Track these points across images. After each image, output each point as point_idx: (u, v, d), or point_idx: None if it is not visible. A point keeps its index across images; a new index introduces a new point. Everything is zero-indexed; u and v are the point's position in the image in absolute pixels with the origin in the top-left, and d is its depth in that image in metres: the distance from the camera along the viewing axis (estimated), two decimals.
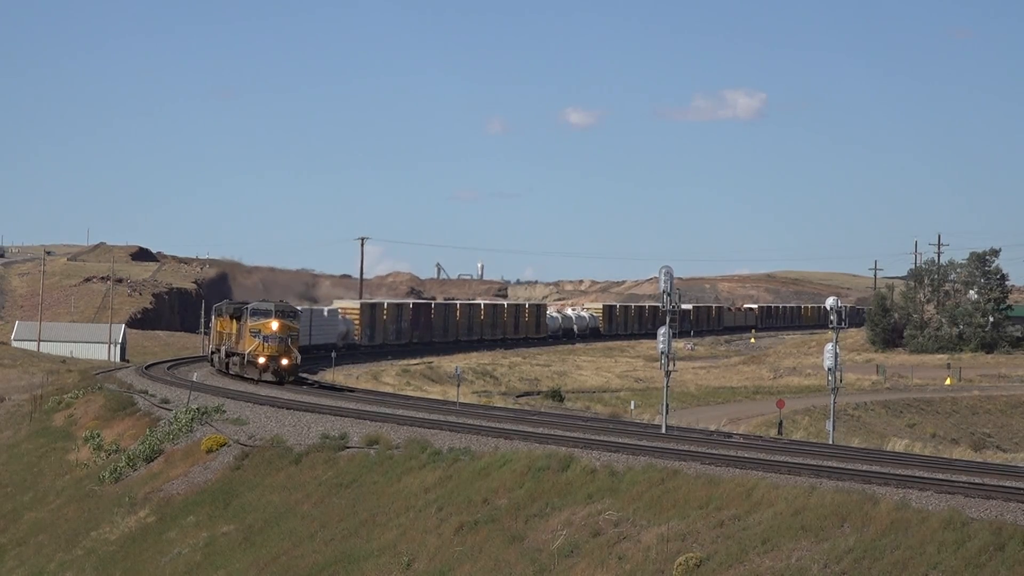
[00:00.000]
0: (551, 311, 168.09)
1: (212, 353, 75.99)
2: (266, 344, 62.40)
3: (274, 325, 62.18)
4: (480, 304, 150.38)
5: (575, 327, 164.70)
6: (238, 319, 65.77)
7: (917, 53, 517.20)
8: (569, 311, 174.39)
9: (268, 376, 61.99)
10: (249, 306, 64.46)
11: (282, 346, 62.57)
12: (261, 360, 62.28)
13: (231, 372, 67.31)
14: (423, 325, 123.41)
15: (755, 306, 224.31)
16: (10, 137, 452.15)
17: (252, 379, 62.71)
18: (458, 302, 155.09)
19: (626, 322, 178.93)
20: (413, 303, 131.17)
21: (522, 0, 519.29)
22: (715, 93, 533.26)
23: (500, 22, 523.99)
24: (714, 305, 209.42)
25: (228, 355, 68.34)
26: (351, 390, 66.15)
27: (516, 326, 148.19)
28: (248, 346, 63.02)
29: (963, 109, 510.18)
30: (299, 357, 64.43)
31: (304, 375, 68.88)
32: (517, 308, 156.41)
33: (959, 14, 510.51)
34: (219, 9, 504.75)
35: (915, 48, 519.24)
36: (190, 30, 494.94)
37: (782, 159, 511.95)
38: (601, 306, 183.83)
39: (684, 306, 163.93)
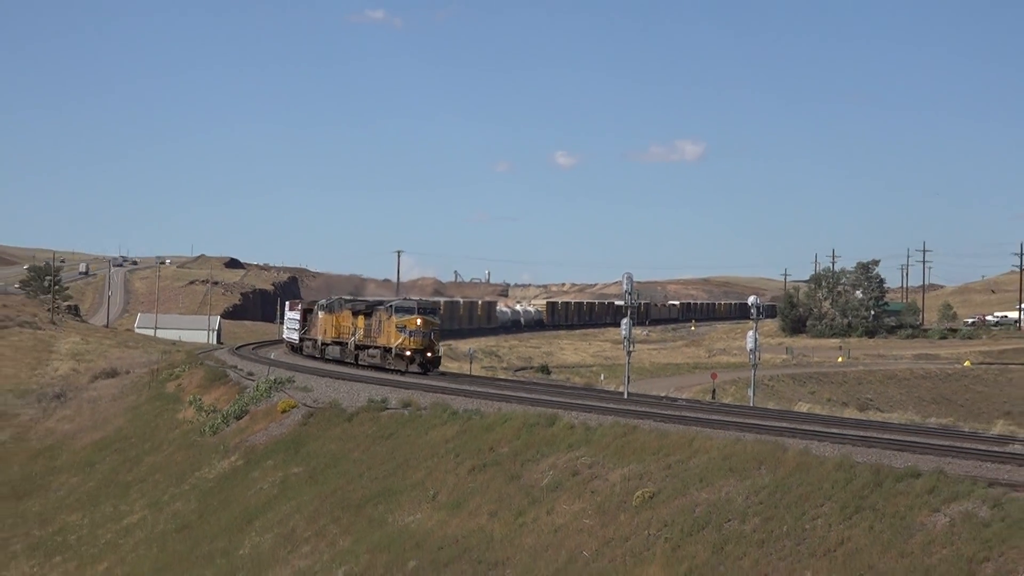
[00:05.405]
0: (500, 306, 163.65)
1: (320, 345, 65.38)
2: (412, 338, 53.61)
3: (419, 321, 53.69)
4: (440, 301, 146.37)
5: (522, 319, 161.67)
6: (368, 315, 57.73)
7: (825, 103, 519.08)
8: (517, 306, 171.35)
9: (414, 368, 53.47)
10: (393, 304, 55.97)
11: (426, 340, 53.87)
12: (408, 353, 53.67)
13: (362, 363, 58.12)
14: None
15: (677, 302, 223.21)
16: (135, 172, 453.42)
17: (399, 371, 53.72)
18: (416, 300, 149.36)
19: (567, 315, 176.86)
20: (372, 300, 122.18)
21: (522, 70, 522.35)
22: (668, 142, 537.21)
23: (505, 86, 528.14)
24: (641, 302, 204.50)
25: (359, 348, 58.70)
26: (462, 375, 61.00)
27: (470, 319, 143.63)
28: (394, 340, 54.17)
29: (855, 150, 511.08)
30: (440, 349, 56.51)
31: None
32: (471, 304, 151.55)
33: (861, 73, 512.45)
34: (291, 64, 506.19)
35: (824, 98, 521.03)
36: (268, 80, 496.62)
37: (718, 191, 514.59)
38: (545, 302, 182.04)
39: (618, 302, 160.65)
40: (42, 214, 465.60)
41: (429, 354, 53.97)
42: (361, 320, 58.51)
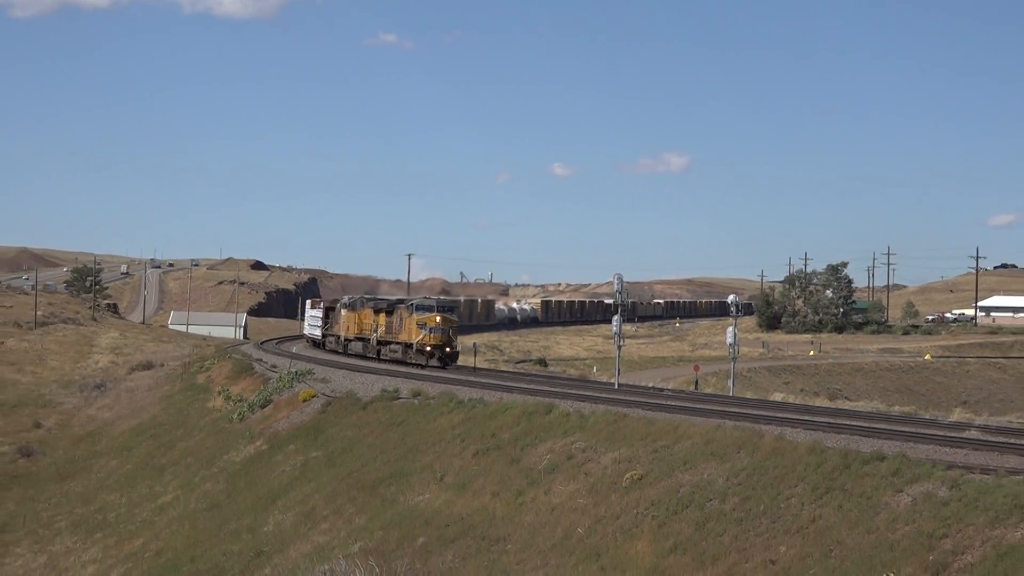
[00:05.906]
0: (499, 304, 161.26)
1: (343, 340, 63.13)
2: (432, 334, 51.26)
3: (438, 319, 51.44)
4: (446, 299, 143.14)
5: (518, 316, 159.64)
6: (389, 313, 55.43)
7: (799, 118, 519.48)
8: (514, 304, 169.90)
9: (434, 362, 51.19)
10: (414, 303, 53.40)
11: (445, 336, 51.67)
12: (428, 348, 51.29)
13: (384, 358, 55.45)
14: None
15: (663, 301, 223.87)
16: (170, 181, 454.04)
17: (419, 364, 51.44)
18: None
19: (559, 313, 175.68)
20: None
21: (522, 88, 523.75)
22: (656, 154, 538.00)
23: (507, 103, 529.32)
24: (630, 300, 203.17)
25: (381, 343, 56.39)
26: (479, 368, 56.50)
27: (471, 316, 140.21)
28: (415, 336, 51.83)
29: (826, 161, 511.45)
30: (459, 345, 54.01)
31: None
32: (472, 303, 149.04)
33: (832, 89, 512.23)
34: (313, 82, 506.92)
35: (798, 113, 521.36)
36: (293, 97, 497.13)
37: (701, 199, 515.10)
38: (540, 301, 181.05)
39: (608, 301, 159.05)
40: (84, 219, 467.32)
41: (448, 349, 52.20)
42: (383, 317, 56.96)
